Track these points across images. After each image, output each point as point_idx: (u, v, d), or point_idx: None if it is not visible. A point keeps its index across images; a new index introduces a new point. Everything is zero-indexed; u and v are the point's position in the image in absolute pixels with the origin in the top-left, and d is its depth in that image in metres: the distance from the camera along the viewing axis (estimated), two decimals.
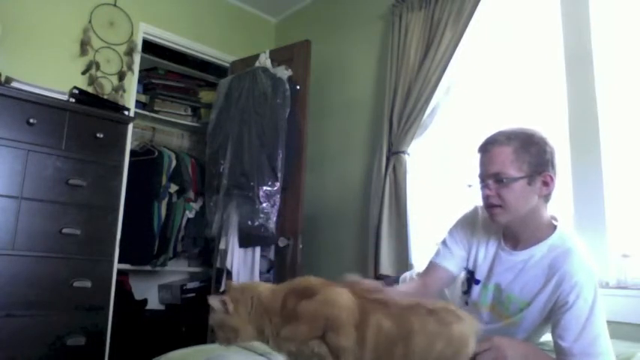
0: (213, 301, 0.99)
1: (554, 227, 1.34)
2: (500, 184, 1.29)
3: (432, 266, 1.50)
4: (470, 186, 1.38)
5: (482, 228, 1.45)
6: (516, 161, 1.28)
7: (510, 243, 1.39)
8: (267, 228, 2.67)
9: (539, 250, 1.32)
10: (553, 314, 1.24)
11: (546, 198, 1.33)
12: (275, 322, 0.96)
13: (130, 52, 3.02)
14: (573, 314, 1.19)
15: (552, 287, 1.25)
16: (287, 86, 2.83)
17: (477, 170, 1.36)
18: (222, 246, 2.83)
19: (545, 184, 1.30)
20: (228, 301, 0.98)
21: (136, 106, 3.19)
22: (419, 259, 2.36)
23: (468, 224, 1.49)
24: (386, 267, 2.40)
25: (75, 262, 2.26)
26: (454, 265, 1.47)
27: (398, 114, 2.57)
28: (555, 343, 1.21)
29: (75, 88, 2.47)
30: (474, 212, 1.50)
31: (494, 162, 1.30)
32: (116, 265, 2.66)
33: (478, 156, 1.37)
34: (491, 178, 1.31)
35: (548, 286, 1.26)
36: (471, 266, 1.47)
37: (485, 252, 1.43)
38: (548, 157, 1.30)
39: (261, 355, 1.29)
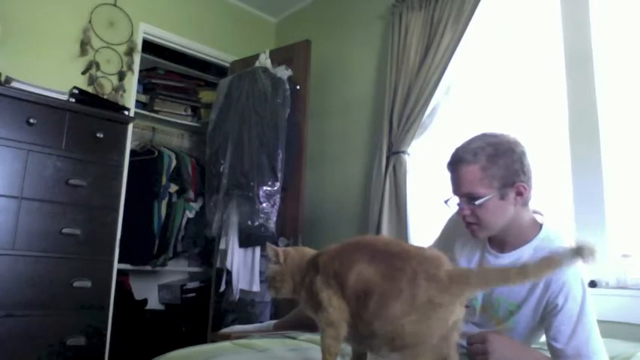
0: (270, 248, 1.08)
1: (540, 225, 1.33)
2: (473, 205, 1.27)
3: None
4: (446, 202, 1.36)
5: (464, 234, 1.42)
6: (485, 179, 1.25)
7: (496, 246, 1.37)
8: (267, 228, 2.67)
9: (525, 252, 1.30)
10: (545, 316, 1.24)
11: (524, 204, 1.30)
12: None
13: (130, 52, 3.02)
14: (564, 315, 1.19)
15: (541, 289, 1.24)
16: (287, 86, 2.83)
17: (450, 186, 1.34)
18: (222, 246, 2.83)
19: (519, 193, 1.27)
20: (280, 252, 1.07)
21: (136, 106, 3.19)
22: None
23: (447, 236, 1.50)
24: None
25: (75, 262, 2.27)
26: None
27: (398, 114, 2.57)
28: (549, 345, 1.21)
29: (75, 88, 2.47)
30: (455, 219, 1.48)
31: (464, 182, 1.28)
32: (116, 265, 2.66)
33: (449, 172, 1.34)
34: (463, 197, 1.29)
35: (536, 288, 1.25)
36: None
37: (469, 257, 1.42)
38: (517, 167, 1.26)
39: (261, 351, 1.29)
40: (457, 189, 1.31)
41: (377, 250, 0.94)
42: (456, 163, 1.30)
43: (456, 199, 1.33)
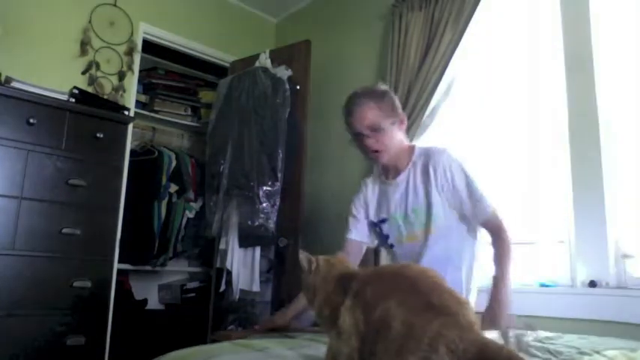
0: (304, 257, 1.10)
1: (412, 147, 1.78)
2: (378, 133, 1.65)
3: (344, 243, 1.86)
4: (351, 141, 1.76)
5: (369, 183, 1.86)
6: (383, 111, 1.66)
7: (391, 174, 1.78)
8: (267, 228, 2.67)
9: (412, 172, 1.72)
10: (449, 198, 1.66)
11: (405, 132, 1.78)
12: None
13: (130, 52, 3.02)
14: (464, 191, 1.64)
15: (433, 180, 1.66)
16: (287, 86, 2.83)
17: (351, 130, 1.71)
18: (222, 246, 2.83)
19: (403, 122, 1.74)
20: (313, 260, 1.08)
21: (136, 106, 3.19)
22: None
23: (360, 191, 1.88)
24: None
25: (75, 262, 2.26)
26: (362, 234, 1.84)
27: None
28: (473, 219, 1.66)
29: (75, 88, 2.46)
30: (358, 197, 1.88)
31: (367, 117, 1.65)
32: (116, 265, 2.66)
33: (348, 118, 1.70)
34: (368, 129, 1.65)
35: (430, 180, 1.66)
36: (372, 216, 1.82)
37: (372, 194, 1.83)
38: (397, 104, 1.73)
39: (260, 350, 1.29)
40: (362, 124, 1.66)
41: (417, 291, 0.93)
42: (356, 105, 1.68)
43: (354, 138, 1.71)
